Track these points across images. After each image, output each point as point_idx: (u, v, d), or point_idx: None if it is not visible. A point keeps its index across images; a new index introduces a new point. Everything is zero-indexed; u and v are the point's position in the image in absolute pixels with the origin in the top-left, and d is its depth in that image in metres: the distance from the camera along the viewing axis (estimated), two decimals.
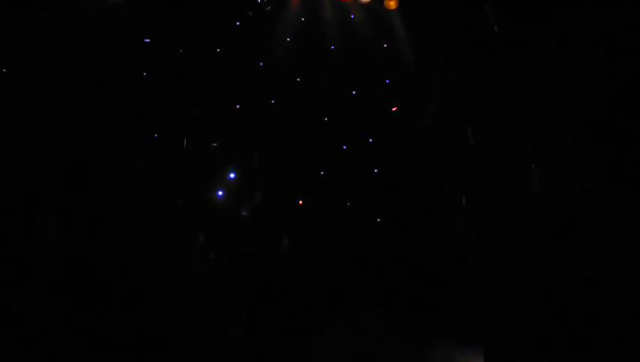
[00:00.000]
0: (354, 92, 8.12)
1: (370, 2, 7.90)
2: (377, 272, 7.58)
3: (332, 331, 7.00)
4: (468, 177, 7.62)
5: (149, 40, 7.34)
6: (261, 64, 7.87)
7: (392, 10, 7.99)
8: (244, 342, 6.79)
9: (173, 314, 6.63)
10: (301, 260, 7.49)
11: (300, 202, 7.80)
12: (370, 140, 8.09)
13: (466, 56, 7.68)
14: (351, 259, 7.55)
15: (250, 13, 7.85)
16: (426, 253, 7.63)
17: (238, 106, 7.74)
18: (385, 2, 7.96)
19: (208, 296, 6.84)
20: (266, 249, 7.40)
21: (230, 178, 7.57)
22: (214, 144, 7.61)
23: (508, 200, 7.18)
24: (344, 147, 8.04)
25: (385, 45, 8.13)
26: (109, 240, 6.64)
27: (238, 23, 7.77)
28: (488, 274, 7.15)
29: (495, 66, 7.49)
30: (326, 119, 8.04)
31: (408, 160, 7.99)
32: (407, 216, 7.82)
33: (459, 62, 7.73)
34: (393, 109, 8.15)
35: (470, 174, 7.60)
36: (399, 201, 7.88)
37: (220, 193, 7.41)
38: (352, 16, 8.03)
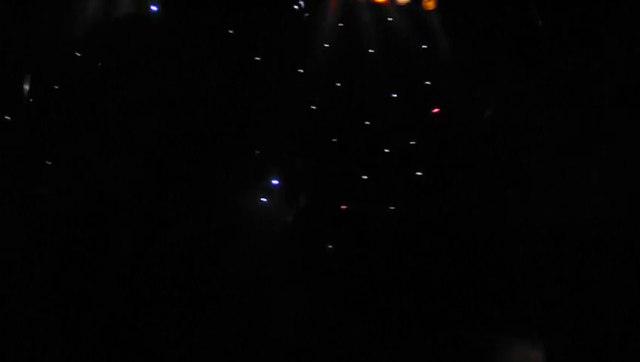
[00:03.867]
0: (394, 94, 8.09)
1: (407, 3, 7.85)
2: (423, 276, 7.50)
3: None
4: (516, 177, 7.47)
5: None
6: (300, 70, 7.91)
7: (430, 10, 7.92)
8: None
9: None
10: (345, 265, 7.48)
11: (343, 207, 7.80)
12: (413, 143, 8.04)
13: (511, 55, 7.56)
14: (393, 262, 7.49)
15: (289, 20, 7.90)
16: (474, 254, 7.51)
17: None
18: (423, 3, 7.90)
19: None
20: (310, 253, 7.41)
21: (273, 184, 7.63)
22: (257, 151, 7.69)
23: (558, 200, 7.00)
24: (386, 150, 8.01)
25: (424, 46, 8.06)
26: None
27: (276, 31, 7.84)
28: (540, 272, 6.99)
29: (544, 64, 7.32)
30: (367, 123, 8.03)
31: (452, 161, 7.89)
32: (452, 218, 7.72)
33: (503, 61, 7.61)
34: (434, 111, 8.07)
35: (519, 174, 7.45)
36: (443, 203, 7.78)
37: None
38: (390, 19, 7.99)
